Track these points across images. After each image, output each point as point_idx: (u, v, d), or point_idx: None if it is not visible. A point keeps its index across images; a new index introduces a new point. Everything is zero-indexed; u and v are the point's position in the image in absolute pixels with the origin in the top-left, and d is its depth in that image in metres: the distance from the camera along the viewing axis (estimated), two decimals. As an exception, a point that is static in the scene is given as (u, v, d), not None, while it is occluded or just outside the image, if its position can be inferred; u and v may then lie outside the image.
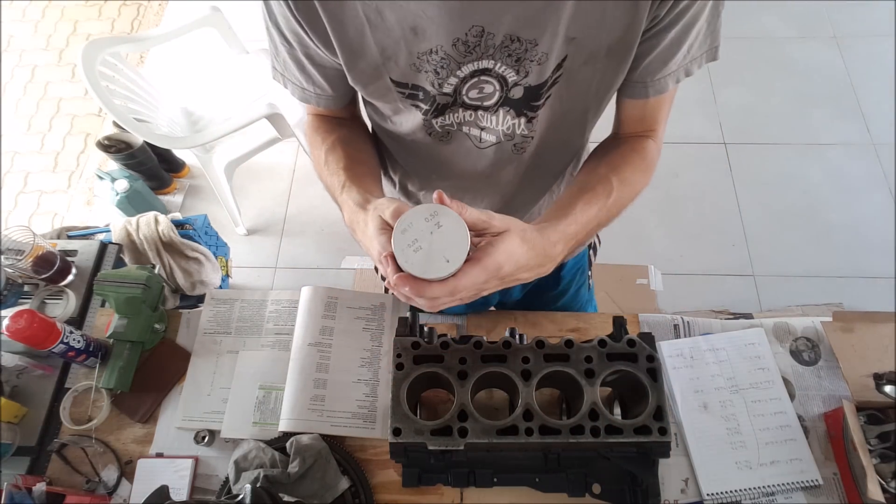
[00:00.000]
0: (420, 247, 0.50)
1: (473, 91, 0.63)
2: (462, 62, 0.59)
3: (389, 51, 0.60)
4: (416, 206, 0.52)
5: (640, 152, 0.71)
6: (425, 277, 0.51)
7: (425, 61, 0.60)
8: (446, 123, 0.68)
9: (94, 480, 0.83)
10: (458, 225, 0.50)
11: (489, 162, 0.74)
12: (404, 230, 0.51)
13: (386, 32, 0.58)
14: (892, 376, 0.79)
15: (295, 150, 2.39)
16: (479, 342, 0.70)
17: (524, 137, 0.70)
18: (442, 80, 0.61)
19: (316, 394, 0.85)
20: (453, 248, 0.50)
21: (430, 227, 0.50)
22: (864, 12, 2.62)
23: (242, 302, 0.97)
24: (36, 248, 0.90)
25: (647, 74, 0.64)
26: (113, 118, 1.61)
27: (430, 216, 0.50)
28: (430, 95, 0.64)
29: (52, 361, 0.91)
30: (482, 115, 0.67)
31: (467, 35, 0.56)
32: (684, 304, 1.98)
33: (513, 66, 0.60)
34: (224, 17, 1.88)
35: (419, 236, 0.50)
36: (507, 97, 0.64)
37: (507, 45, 0.57)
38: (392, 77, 0.63)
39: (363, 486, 0.79)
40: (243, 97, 1.93)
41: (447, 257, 0.50)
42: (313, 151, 0.76)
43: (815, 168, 2.26)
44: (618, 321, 0.73)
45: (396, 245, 0.51)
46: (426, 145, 0.73)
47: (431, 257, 0.50)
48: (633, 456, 0.70)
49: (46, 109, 2.64)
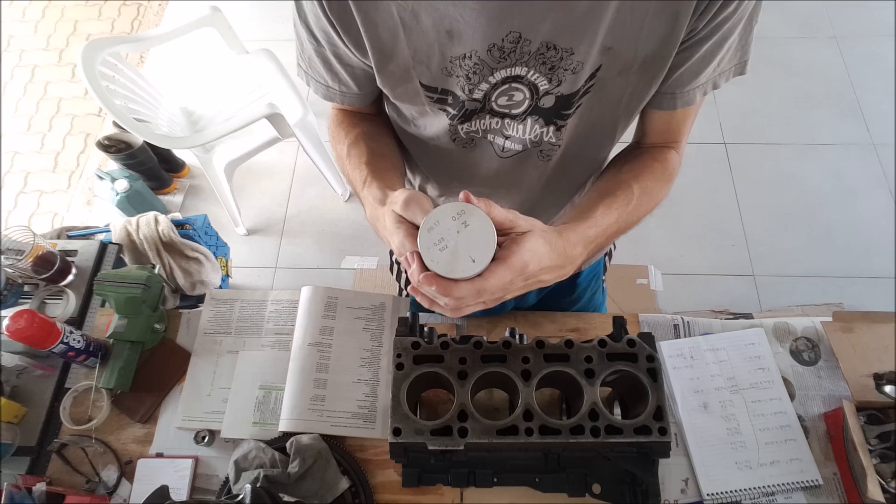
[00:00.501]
0: (446, 245, 0.50)
1: (503, 98, 0.63)
2: (495, 68, 0.59)
3: (422, 54, 0.59)
4: (442, 202, 0.51)
5: (662, 162, 0.70)
6: (450, 277, 0.50)
7: (458, 66, 0.59)
8: (472, 130, 0.68)
9: (94, 480, 0.83)
10: (486, 224, 0.50)
11: (512, 169, 0.73)
12: (430, 228, 0.50)
13: (420, 35, 0.57)
14: (892, 376, 0.79)
15: (295, 150, 2.39)
16: (479, 342, 0.70)
17: (551, 146, 0.69)
18: (473, 85, 0.61)
19: (316, 394, 0.85)
20: (479, 248, 0.50)
21: (457, 225, 0.50)
22: (864, 12, 2.62)
23: (242, 302, 0.97)
24: (36, 248, 0.90)
25: (677, 86, 0.63)
26: (113, 118, 1.61)
27: (458, 215, 0.50)
28: (460, 101, 0.63)
29: (52, 361, 0.91)
30: (509, 123, 0.66)
31: (503, 41, 0.56)
32: (684, 304, 1.98)
33: (546, 74, 0.59)
34: (224, 17, 1.88)
35: (445, 235, 0.50)
36: (537, 105, 0.63)
37: (543, 52, 0.57)
38: (422, 81, 0.62)
39: (363, 486, 0.79)
40: (243, 97, 1.93)
41: (473, 257, 0.49)
42: (336, 146, 0.75)
43: (815, 168, 2.26)
44: (618, 321, 0.73)
45: (423, 243, 0.50)
46: (449, 150, 0.72)
47: (457, 256, 0.49)
48: (633, 456, 0.70)
49: (46, 109, 2.64)
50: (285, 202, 2.31)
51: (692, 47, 0.59)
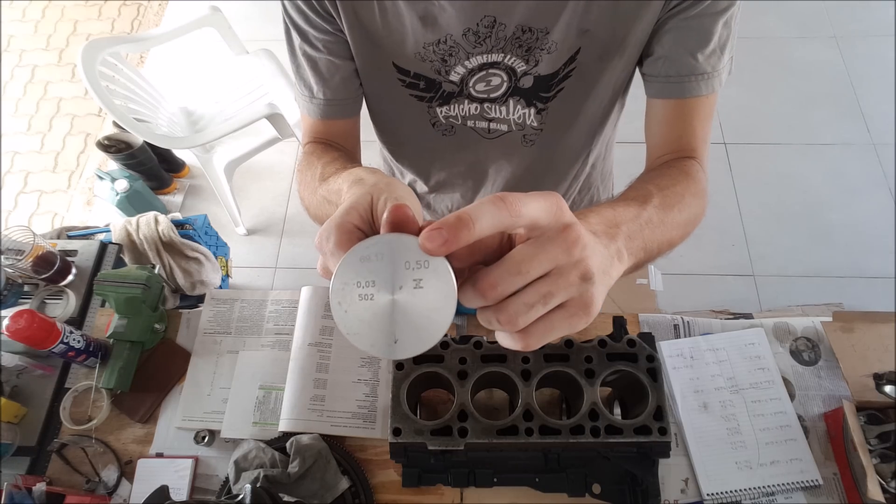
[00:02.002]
0: (372, 298, 0.32)
1: (481, 84, 0.63)
2: (471, 52, 0.59)
3: (397, 35, 0.59)
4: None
5: (682, 169, 0.62)
6: (359, 347, 0.33)
7: (432, 51, 0.59)
8: (451, 115, 0.68)
9: (94, 480, 0.83)
10: (445, 298, 0.33)
11: (496, 152, 0.73)
12: (365, 258, 0.32)
13: (396, 18, 0.58)
14: (892, 376, 0.79)
15: (295, 150, 2.39)
16: (479, 342, 0.70)
17: (534, 129, 0.69)
18: (449, 67, 0.61)
19: (316, 394, 0.85)
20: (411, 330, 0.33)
21: (407, 278, 0.32)
22: (864, 12, 2.62)
23: (242, 302, 0.97)
24: (36, 248, 0.90)
25: (669, 70, 0.61)
26: (113, 118, 1.61)
27: (417, 265, 0.32)
28: (436, 83, 0.63)
29: (52, 361, 0.91)
30: (489, 106, 0.66)
31: (478, 25, 0.56)
32: (684, 304, 1.98)
33: (522, 56, 0.59)
34: (224, 17, 1.88)
35: (382, 283, 0.32)
36: (517, 87, 0.63)
37: (518, 35, 0.57)
38: (396, 62, 0.63)
39: (363, 486, 0.79)
40: (243, 97, 1.93)
41: (398, 336, 0.33)
42: (305, 175, 0.65)
43: (815, 168, 2.26)
44: (618, 321, 0.73)
45: (343, 274, 0.32)
46: (431, 140, 0.72)
47: (376, 327, 0.33)
48: (633, 456, 0.70)
49: (46, 109, 2.64)
50: (285, 202, 2.31)
51: (672, 29, 0.58)
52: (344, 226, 0.35)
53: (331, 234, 0.35)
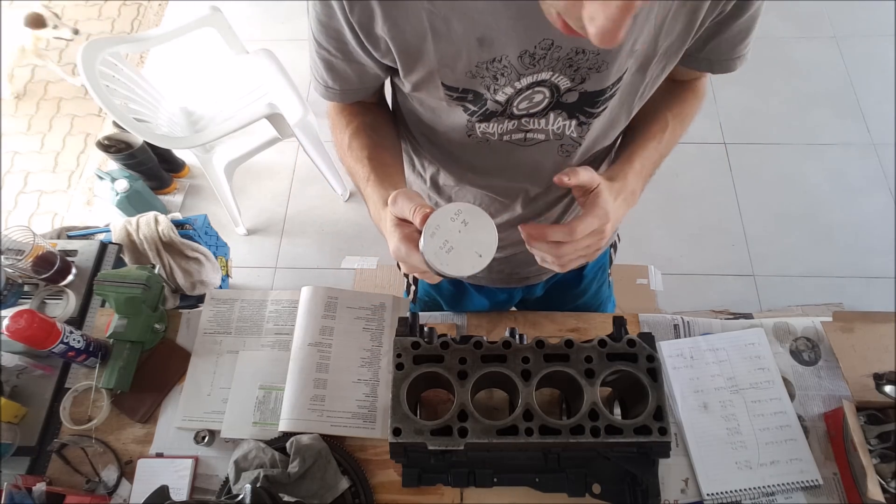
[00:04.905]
0: (451, 247, 0.53)
1: (524, 102, 0.63)
2: (523, 74, 0.59)
3: (448, 59, 0.58)
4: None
5: (693, 90, 0.75)
6: (459, 275, 0.53)
7: (484, 69, 0.59)
8: (488, 132, 0.68)
9: (94, 480, 0.83)
10: (484, 219, 0.53)
11: (529, 162, 0.73)
12: (433, 233, 0.53)
13: (450, 42, 0.57)
14: (892, 376, 0.79)
15: (295, 150, 2.39)
16: (479, 342, 0.70)
17: (573, 141, 0.69)
18: (499, 86, 0.60)
19: (316, 394, 0.85)
20: (483, 243, 0.53)
21: (457, 226, 0.53)
22: (864, 12, 2.62)
23: (242, 302, 0.97)
24: (36, 248, 0.90)
25: (714, 54, 0.66)
26: (113, 118, 1.61)
27: (455, 215, 0.53)
28: (482, 99, 0.63)
29: (52, 361, 0.91)
30: (527, 120, 0.66)
31: (536, 48, 0.56)
32: (684, 304, 1.98)
33: (570, 75, 0.59)
34: (224, 17, 1.88)
35: (448, 237, 0.53)
36: (559, 101, 0.63)
37: (571, 56, 0.57)
38: (444, 81, 0.62)
39: (363, 486, 0.79)
40: (243, 97, 1.93)
41: (479, 252, 0.53)
42: (336, 134, 0.76)
43: (815, 168, 2.26)
44: (618, 321, 0.73)
45: (427, 249, 0.53)
46: (463, 145, 0.72)
47: (463, 255, 0.53)
48: (633, 456, 0.70)
49: (46, 109, 2.64)
50: (285, 202, 2.31)
51: (723, 25, 0.62)
52: (399, 232, 0.57)
53: (400, 245, 0.56)
